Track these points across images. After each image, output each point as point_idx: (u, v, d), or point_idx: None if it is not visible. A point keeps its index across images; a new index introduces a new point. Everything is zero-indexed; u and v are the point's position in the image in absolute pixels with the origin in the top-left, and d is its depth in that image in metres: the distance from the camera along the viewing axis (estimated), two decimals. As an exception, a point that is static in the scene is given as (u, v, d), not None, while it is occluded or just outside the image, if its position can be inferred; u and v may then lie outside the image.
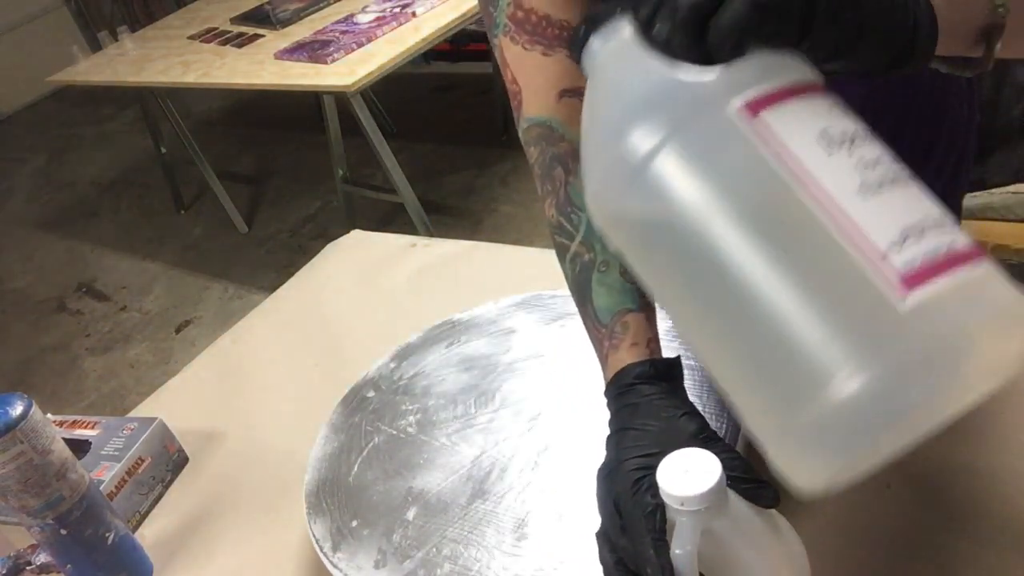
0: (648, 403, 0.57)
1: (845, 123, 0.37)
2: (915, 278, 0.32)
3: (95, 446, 0.88)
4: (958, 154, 0.90)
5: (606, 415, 0.74)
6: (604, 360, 0.62)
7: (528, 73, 0.70)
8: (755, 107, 0.36)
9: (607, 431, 0.58)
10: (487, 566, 0.65)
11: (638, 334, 0.61)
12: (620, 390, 0.59)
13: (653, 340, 0.61)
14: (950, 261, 0.33)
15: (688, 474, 0.45)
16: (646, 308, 0.62)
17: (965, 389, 0.34)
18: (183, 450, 0.92)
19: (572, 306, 0.88)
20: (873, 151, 0.36)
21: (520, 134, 0.73)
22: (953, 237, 0.34)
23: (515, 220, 2.91)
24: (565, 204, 0.66)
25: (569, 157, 0.66)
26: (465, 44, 3.73)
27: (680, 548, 0.46)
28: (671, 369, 0.59)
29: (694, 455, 0.46)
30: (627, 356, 0.60)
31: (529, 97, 0.70)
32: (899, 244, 0.33)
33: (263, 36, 2.71)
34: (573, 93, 0.68)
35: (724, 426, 0.69)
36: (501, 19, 0.71)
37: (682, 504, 0.44)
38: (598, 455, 0.71)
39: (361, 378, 0.88)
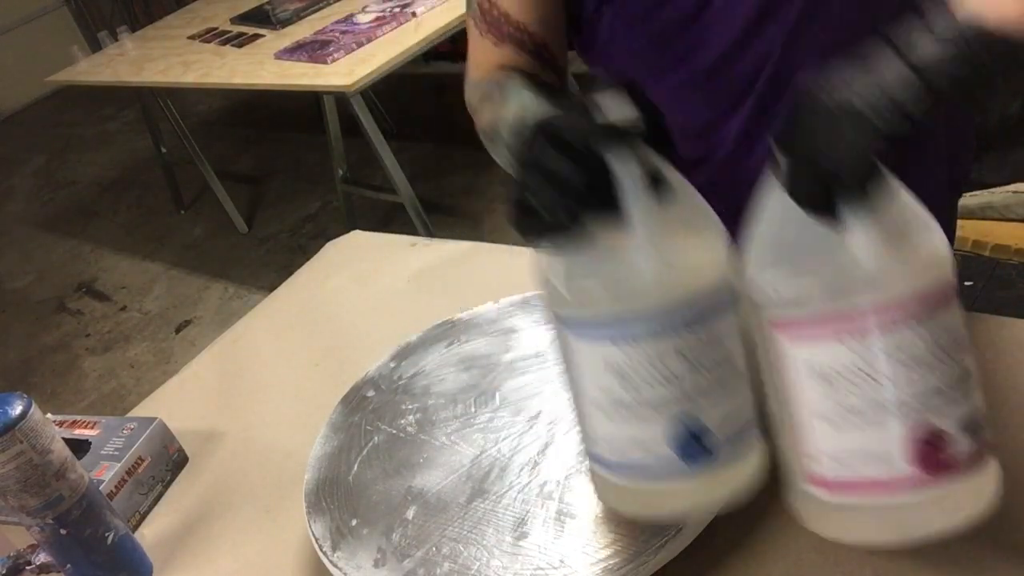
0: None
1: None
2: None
3: (95, 446, 0.88)
4: (956, 144, 0.90)
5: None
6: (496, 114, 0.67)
7: (478, 52, 0.83)
8: None
9: None
10: (486, 565, 0.65)
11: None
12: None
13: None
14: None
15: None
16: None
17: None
18: (183, 450, 0.92)
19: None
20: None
21: (466, 90, 0.86)
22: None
23: (515, 220, 2.91)
24: (500, 101, 0.72)
25: (505, 79, 0.75)
26: (465, 44, 3.72)
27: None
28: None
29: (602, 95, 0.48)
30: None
31: (473, 69, 0.84)
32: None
33: (263, 36, 2.71)
34: (506, 67, 0.80)
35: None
36: (473, 2, 0.83)
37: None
38: (598, 455, 0.71)
39: (361, 378, 0.88)
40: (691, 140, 0.90)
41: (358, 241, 1.26)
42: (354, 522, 0.72)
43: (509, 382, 0.82)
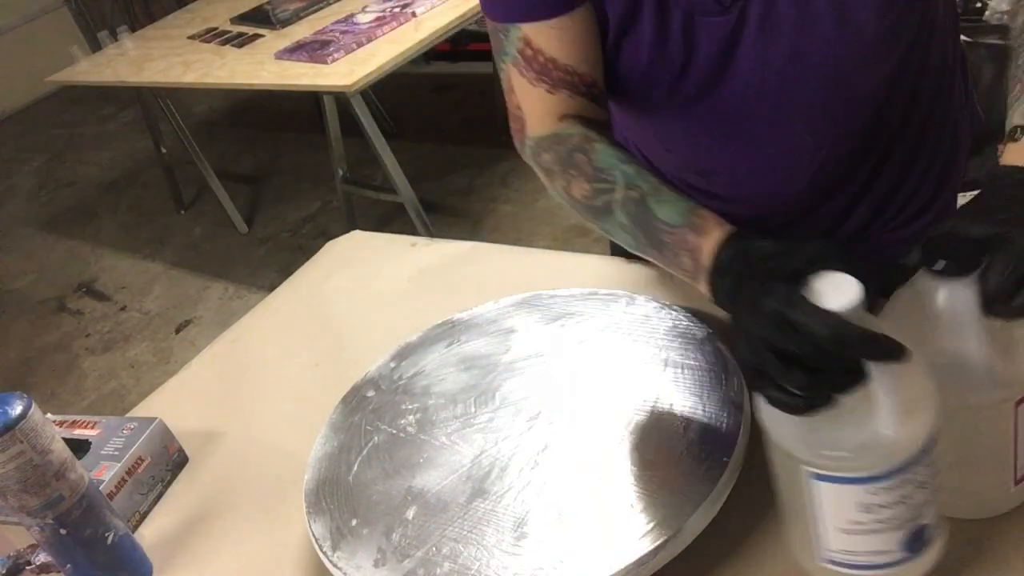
0: (770, 247, 0.60)
1: None
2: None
3: (95, 446, 0.88)
4: (951, 145, 0.90)
5: (605, 416, 0.74)
6: (695, 248, 0.65)
7: (532, 103, 0.79)
8: None
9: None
10: (487, 565, 0.65)
11: (719, 219, 0.66)
12: (736, 249, 0.62)
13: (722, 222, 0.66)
14: None
15: (837, 289, 0.51)
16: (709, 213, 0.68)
17: None
18: (183, 450, 0.92)
19: (571, 306, 0.88)
20: None
21: (527, 151, 0.80)
22: None
23: (515, 220, 2.91)
24: (595, 174, 0.73)
25: (584, 143, 0.75)
26: (465, 44, 3.73)
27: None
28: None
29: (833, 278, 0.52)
30: (720, 231, 0.64)
31: (533, 121, 0.80)
32: None
33: (263, 36, 2.71)
34: (569, 116, 0.78)
35: (725, 421, 0.69)
36: (511, 50, 0.78)
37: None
38: (598, 455, 0.71)
39: (361, 378, 0.88)
40: (692, 171, 0.90)
41: (358, 241, 1.26)
42: (354, 522, 0.72)
43: (509, 382, 0.82)
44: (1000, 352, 0.57)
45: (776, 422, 0.55)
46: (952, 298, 0.56)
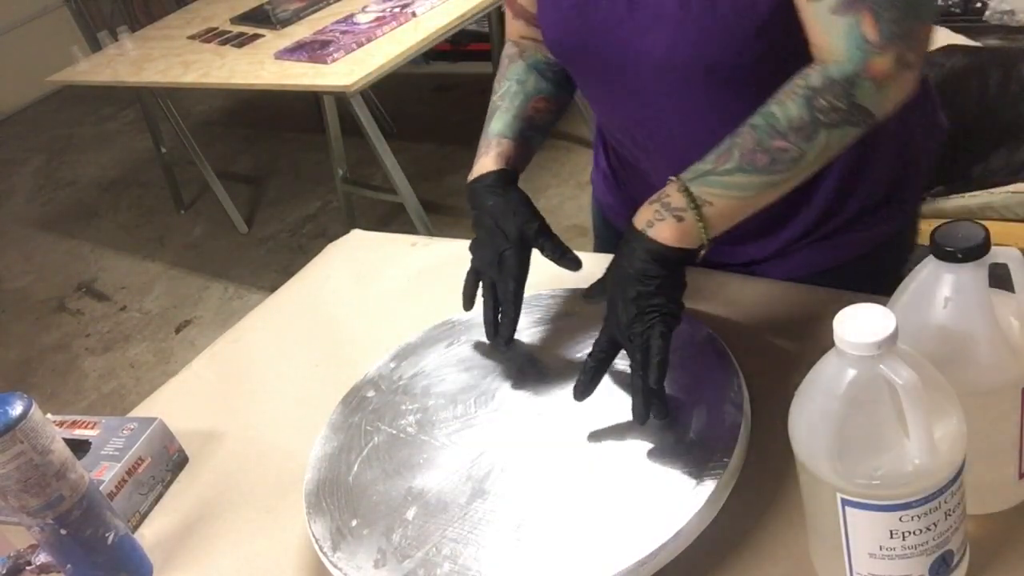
0: (491, 208, 0.88)
1: None
2: None
3: (95, 446, 0.88)
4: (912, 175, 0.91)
5: (605, 416, 0.74)
6: (478, 160, 0.92)
7: (508, 21, 1.01)
8: None
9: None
10: (487, 565, 0.65)
11: (504, 152, 0.90)
12: (474, 189, 0.91)
13: (512, 159, 0.91)
14: None
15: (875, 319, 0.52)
16: (519, 141, 0.92)
17: None
18: (183, 450, 0.92)
19: (572, 306, 0.88)
20: None
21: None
22: None
23: (515, 220, 2.90)
24: (501, 77, 0.98)
25: (517, 56, 0.98)
26: (465, 44, 3.72)
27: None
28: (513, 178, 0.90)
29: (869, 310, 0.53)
30: (490, 163, 0.90)
31: (509, 31, 1.02)
32: None
33: (263, 36, 2.71)
34: (525, 38, 1.00)
35: (725, 421, 0.69)
36: None
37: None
38: (598, 455, 0.71)
39: (361, 378, 0.88)
40: (619, 132, 0.95)
41: (358, 241, 1.26)
42: (354, 522, 0.72)
43: (509, 382, 0.82)
44: (1007, 337, 0.57)
45: (809, 447, 0.56)
46: (960, 283, 0.57)
